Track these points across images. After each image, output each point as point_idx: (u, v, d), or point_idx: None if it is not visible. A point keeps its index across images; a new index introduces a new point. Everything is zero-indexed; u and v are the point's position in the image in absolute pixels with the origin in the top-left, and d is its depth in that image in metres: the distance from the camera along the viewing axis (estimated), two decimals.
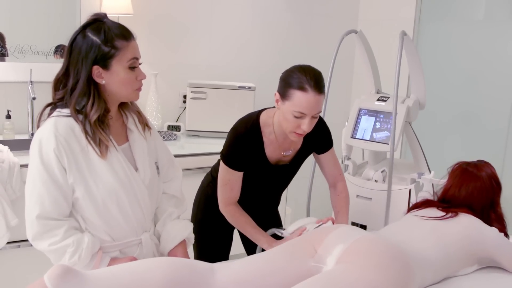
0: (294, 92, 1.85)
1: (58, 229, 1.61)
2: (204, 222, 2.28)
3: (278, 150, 2.08)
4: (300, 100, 1.84)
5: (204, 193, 2.30)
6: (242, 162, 2.04)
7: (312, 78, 1.85)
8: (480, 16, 3.82)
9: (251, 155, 2.04)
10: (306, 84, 1.84)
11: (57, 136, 1.60)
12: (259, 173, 2.11)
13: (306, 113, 1.86)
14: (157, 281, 1.50)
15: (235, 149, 2.03)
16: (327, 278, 1.57)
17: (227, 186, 2.07)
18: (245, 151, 2.03)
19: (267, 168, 2.10)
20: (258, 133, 2.04)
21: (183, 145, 3.26)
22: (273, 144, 2.06)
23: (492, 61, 3.63)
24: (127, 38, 1.64)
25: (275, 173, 2.14)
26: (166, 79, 3.51)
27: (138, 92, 1.73)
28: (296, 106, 1.85)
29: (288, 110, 1.88)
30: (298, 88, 1.84)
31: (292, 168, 2.18)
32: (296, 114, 1.87)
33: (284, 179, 2.23)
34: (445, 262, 1.87)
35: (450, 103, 3.85)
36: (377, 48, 2.94)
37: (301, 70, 1.88)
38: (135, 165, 1.76)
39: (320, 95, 1.86)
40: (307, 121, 1.88)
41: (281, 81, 1.92)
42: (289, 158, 2.13)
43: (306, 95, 1.84)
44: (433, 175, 2.60)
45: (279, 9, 3.93)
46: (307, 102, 1.84)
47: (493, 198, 2.12)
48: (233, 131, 2.06)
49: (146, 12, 3.36)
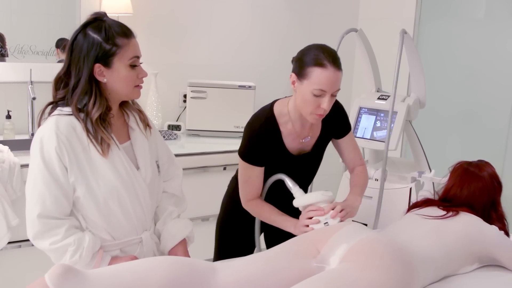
0: (312, 70, 1.81)
1: (59, 228, 1.61)
2: (228, 226, 2.24)
3: (297, 139, 2.03)
4: (320, 77, 1.80)
5: (231, 197, 2.23)
6: (261, 157, 2.00)
7: (330, 55, 1.82)
8: (480, 15, 3.82)
9: (270, 148, 1.99)
10: (325, 60, 1.80)
11: (59, 135, 1.60)
12: (283, 166, 2.05)
13: (326, 90, 1.81)
14: (158, 280, 1.50)
15: (252, 144, 1.99)
16: (328, 277, 1.57)
17: (248, 184, 2.03)
18: (263, 144, 1.98)
19: (289, 160, 2.04)
20: (274, 124, 1.99)
21: (183, 144, 3.26)
22: (291, 134, 2.01)
23: (493, 59, 3.63)
24: (128, 36, 1.65)
25: (299, 164, 2.08)
26: (166, 79, 3.52)
27: (139, 90, 1.73)
28: (315, 83, 1.81)
29: (306, 89, 1.83)
30: (317, 65, 1.80)
31: (314, 157, 2.12)
32: (316, 92, 1.82)
33: (309, 169, 2.16)
34: (446, 260, 1.87)
35: (450, 102, 3.85)
36: (377, 46, 2.94)
37: (318, 48, 1.84)
38: (136, 163, 1.76)
39: (339, 71, 1.82)
40: (327, 99, 1.83)
41: (296, 61, 1.88)
42: (310, 146, 2.07)
43: (325, 71, 1.80)
44: (433, 174, 2.60)
45: (279, 8, 3.93)
46: (327, 78, 1.80)
47: (494, 198, 2.12)
48: (248, 126, 2.02)
49: (146, 11, 3.36)
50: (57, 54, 3.09)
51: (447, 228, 1.94)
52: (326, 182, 2.30)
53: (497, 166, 2.27)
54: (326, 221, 1.88)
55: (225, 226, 2.25)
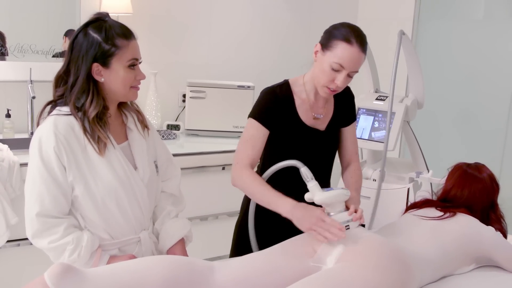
0: (338, 43, 1.84)
1: (58, 227, 1.62)
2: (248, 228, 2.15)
3: (310, 112, 2.03)
4: (343, 52, 1.83)
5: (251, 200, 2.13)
6: (272, 119, 1.97)
7: (359, 35, 1.85)
8: (479, 15, 3.83)
9: (283, 113, 1.98)
10: (353, 38, 1.83)
11: (57, 134, 1.61)
12: (296, 136, 2.02)
13: (345, 67, 1.85)
14: (157, 279, 1.50)
15: (264, 104, 1.98)
16: (325, 276, 1.58)
17: (249, 143, 1.96)
18: (276, 107, 1.97)
19: (302, 130, 2.02)
20: (288, 91, 2.01)
21: (183, 144, 3.26)
22: (305, 104, 2.01)
23: (491, 60, 3.64)
24: (127, 38, 1.66)
25: (312, 139, 2.04)
26: (166, 78, 3.52)
27: (135, 92, 1.74)
28: (337, 57, 1.84)
29: (327, 61, 1.86)
30: (344, 40, 1.83)
31: (328, 138, 2.09)
32: (334, 66, 1.85)
33: (324, 151, 2.10)
34: (443, 261, 1.88)
35: (448, 102, 3.86)
36: (376, 47, 2.94)
37: (350, 27, 1.87)
38: (134, 163, 1.77)
39: (363, 53, 1.86)
40: (342, 76, 1.86)
41: (325, 33, 1.91)
42: (324, 125, 2.06)
43: (350, 48, 1.83)
44: (431, 174, 2.61)
45: (279, 8, 3.93)
46: (350, 55, 1.83)
47: (493, 199, 2.13)
48: (264, 90, 2.02)
49: (146, 11, 3.36)
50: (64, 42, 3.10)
51: (444, 229, 1.95)
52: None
53: (495, 167, 2.28)
54: (348, 224, 1.78)
55: (244, 229, 2.16)
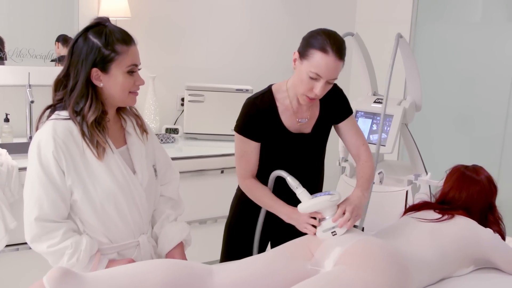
0: (314, 52, 1.83)
1: (57, 231, 1.62)
2: (237, 229, 2.23)
3: (294, 117, 2.04)
4: (319, 61, 1.83)
5: (240, 200, 2.22)
6: (256, 130, 2.00)
7: (335, 43, 1.83)
8: (477, 18, 3.83)
9: (266, 123, 2.00)
10: (328, 47, 1.82)
11: (56, 139, 1.61)
12: (281, 144, 2.04)
13: (322, 76, 1.84)
14: (156, 282, 1.51)
15: (248, 117, 2.00)
16: (324, 280, 1.58)
17: (243, 159, 2.03)
18: (259, 118, 1.99)
19: (287, 137, 2.04)
20: (271, 99, 2.01)
21: (181, 147, 3.27)
22: (288, 110, 2.02)
23: (489, 63, 3.65)
24: (127, 43, 1.66)
25: (298, 144, 2.07)
26: (164, 82, 3.53)
27: (134, 97, 1.74)
28: (313, 66, 1.84)
29: (304, 70, 1.86)
30: (320, 49, 1.83)
31: (315, 139, 2.10)
32: (312, 75, 1.85)
33: (311, 153, 2.12)
34: (442, 263, 1.88)
35: (446, 105, 3.87)
36: (374, 50, 2.96)
37: (326, 34, 1.86)
38: (133, 168, 1.77)
39: (339, 61, 1.84)
40: (320, 84, 1.86)
41: (303, 40, 1.91)
42: (310, 127, 2.07)
43: (326, 57, 1.82)
44: (430, 177, 2.61)
45: (277, 12, 3.94)
46: (326, 65, 1.82)
47: (491, 201, 2.14)
48: (246, 101, 2.03)
49: (144, 15, 3.37)
50: (56, 48, 3.10)
51: (442, 231, 1.95)
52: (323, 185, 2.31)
53: (493, 170, 2.28)
54: (334, 230, 1.79)
55: (234, 229, 2.25)
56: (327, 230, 1.79)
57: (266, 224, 2.15)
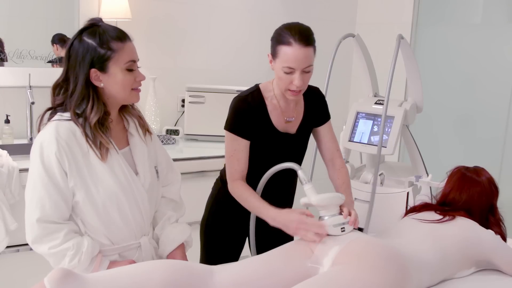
0: (281, 48, 1.88)
1: (58, 232, 1.62)
2: (215, 228, 2.24)
3: (282, 116, 2.06)
4: (287, 55, 1.86)
5: (216, 199, 2.24)
6: (247, 128, 2.01)
7: (296, 33, 1.86)
8: (477, 20, 3.84)
9: (256, 121, 2.02)
10: (291, 38, 1.85)
11: (59, 140, 1.61)
12: (269, 142, 2.06)
13: (294, 67, 1.87)
14: (157, 283, 1.50)
15: (239, 114, 2.01)
16: (323, 280, 1.58)
17: (233, 158, 2.02)
18: (250, 116, 2.01)
19: (275, 136, 2.06)
20: (260, 97, 2.04)
21: (182, 149, 3.27)
22: (277, 110, 2.05)
23: (490, 64, 3.65)
24: (122, 40, 1.66)
25: (285, 143, 2.09)
26: (165, 83, 3.53)
27: (137, 93, 1.73)
28: (284, 61, 1.88)
29: (278, 67, 1.90)
30: (284, 43, 1.87)
31: (299, 141, 2.14)
32: (285, 70, 1.88)
33: (294, 154, 2.13)
34: (442, 264, 1.88)
35: (447, 107, 3.87)
36: (375, 51, 2.96)
37: (287, 27, 1.90)
38: (135, 169, 1.77)
39: (306, 47, 1.87)
40: (297, 76, 1.89)
41: (271, 41, 1.95)
42: (295, 128, 2.10)
43: (291, 48, 1.85)
44: (430, 178, 2.61)
45: (277, 13, 3.95)
46: (293, 56, 1.86)
47: (492, 202, 2.14)
48: (235, 99, 2.05)
49: (145, 16, 3.37)
50: (55, 50, 3.10)
51: (443, 232, 1.95)
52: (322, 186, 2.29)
53: (494, 171, 2.28)
54: (344, 226, 1.81)
55: (211, 228, 2.25)
56: (337, 225, 1.81)
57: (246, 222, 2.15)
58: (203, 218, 2.29)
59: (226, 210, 2.13)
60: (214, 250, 2.25)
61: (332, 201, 1.85)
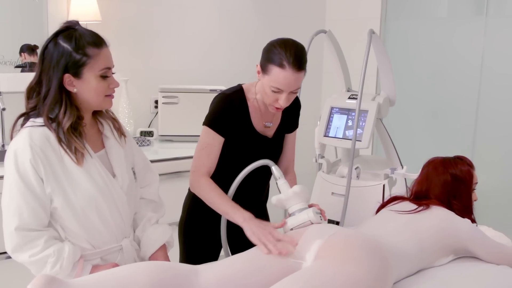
0: (273, 68, 1.87)
1: (38, 239, 1.60)
2: (193, 228, 2.23)
3: (261, 119, 2.08)
4: (278, 77, 1.86)
5: (193, 199, 2.20)
6: (227, 126, 2.00)
7: (292, 55, 1.85)
8: (443, 13, 3.91)
9: (237, 120, 2.02)
10: (285, 61, 1.84)
11: (33, 147, 1.58)
12: (246, 142, 2.06)
13: (283, 89, 1.88)
14: (143, 284, 1.50)
15: (220, 111, 2.01)
16: (307, 275, 1.59)
17: (204, 151, 2.01)
18: (231, 114, 2.00)
19: (252, 137, 2.06)
20: (243, 98, 2.04)
21: (157, 150, 3.25)
22: (257, 112, 2.06)
23: (458, 57, 3.72)
24: (99, 46, 1.63)
25: (262, 146, 2.10)
26: (137, 85, 3.50)
27: (110, 100, 1.72)
28: (273, 81, 1.87)
29: (266, 84, 1.90)
30: (277, 65, 1.85)
31: (275, 145, 2.16)
32: (273, 89, 1.89)
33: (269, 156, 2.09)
34: (421, 254, 1.91)
35: (419, 99, 3.93)
36: (345, 47, 2.98)
37: (282, 45, 1.88)
38: (112, 171, 1.76)
39: (298, 72, 1.87)
40: (284, 96, 1.90)
41: (263, 53, 1.93)
42: (271, 133, 2.12)
43: (284, 72, 1.85)
44: (405, 170, 2.64)
45: (247, 11, 3.95)
46: (285, 79, 1.86)
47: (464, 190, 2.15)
48: (218, 96, 2.05)
49: (115, 18, 3.34)
50: (23, 59, 3.04)
51: (420, 223, 1.98)
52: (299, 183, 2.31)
53: None
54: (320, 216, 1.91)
55: (189, 229, 2.25)
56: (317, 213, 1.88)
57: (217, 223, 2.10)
58: (181, 218, 2.29)
59: (204, 210, 2.12)
60: (194, 250, 2.25)
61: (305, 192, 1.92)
